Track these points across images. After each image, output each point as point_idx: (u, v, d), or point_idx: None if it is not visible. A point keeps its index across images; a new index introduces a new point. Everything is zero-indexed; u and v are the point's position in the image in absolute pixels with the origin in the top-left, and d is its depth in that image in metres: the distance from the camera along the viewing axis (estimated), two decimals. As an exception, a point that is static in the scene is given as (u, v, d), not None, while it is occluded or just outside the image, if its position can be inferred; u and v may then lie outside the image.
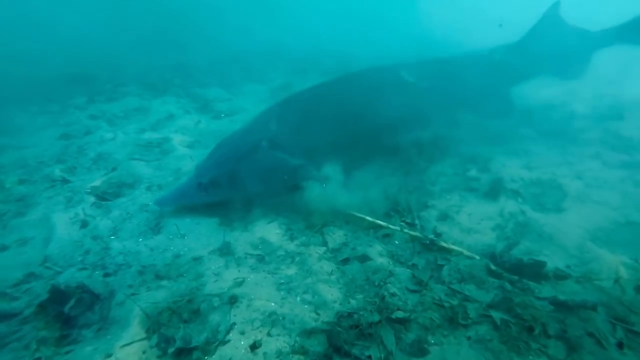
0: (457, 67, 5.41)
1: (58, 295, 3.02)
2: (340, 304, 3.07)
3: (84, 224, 4.16)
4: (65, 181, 5.00)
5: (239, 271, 3.45)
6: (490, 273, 3.23)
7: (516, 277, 3.07)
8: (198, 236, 3.96)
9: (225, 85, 9.00)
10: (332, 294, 3.17)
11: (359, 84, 4.81)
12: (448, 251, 3.57)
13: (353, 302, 3.10)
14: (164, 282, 3.34)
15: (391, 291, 3.13)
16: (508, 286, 3.00)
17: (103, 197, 4.72)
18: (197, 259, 3.62)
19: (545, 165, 4.89)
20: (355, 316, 2.88)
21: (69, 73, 9.36)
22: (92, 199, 4.63)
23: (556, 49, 5.71)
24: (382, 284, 3.26)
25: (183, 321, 2.83)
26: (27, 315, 2.97)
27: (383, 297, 3.07)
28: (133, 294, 3.16)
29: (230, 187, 4.24)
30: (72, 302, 3.01)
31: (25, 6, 14.65)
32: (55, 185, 4.93)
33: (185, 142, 6.10)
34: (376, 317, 2.86)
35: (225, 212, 4.28)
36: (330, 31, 12.12)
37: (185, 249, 3.79)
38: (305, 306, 3.05)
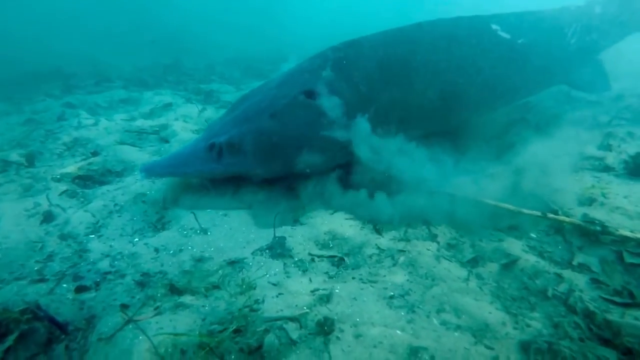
0: (556, 20, 4.27)
1: (-16, 325, 1.56)
2: (516, 328, 1.71)
3: (48, 217, 2.70)
4: (24, 166, 3.52)
5: (310, 280, 2.05)
6: None
7: None
8: (228, 231, 2.55)
9: (228, 82, 7.74)
10: (489, 311, 1.80)
11: (445, 32, 3.56)
12: (637, 243, 2.28)
13: (534, 323, 1.74)
14: (186, 299, 1.90)
15: (593, 306, 1.80)
16: None
17: (79, 183, 3.27)
18: (236, 263, 2.20)
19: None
20: (556, 347, 1.54)
21: (41, 70, 7.88)
22: (62, 186, 3.17)
23: None
24: (560, 294, 1.92)
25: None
26: None
27: (591, 315, 1.73)
28: (131, 319, 1.71)
29: (258, 153, 2.81)
30: (10, 339, 1.55)
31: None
32: (8, 170, 3.44)
33: (190, 129, 4.71)
34: (608, 353, 1.52)
35: (260, 198, 2.91)
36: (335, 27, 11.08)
37: (211, 248, 2.37)
38: (456, 334, 1.67)
